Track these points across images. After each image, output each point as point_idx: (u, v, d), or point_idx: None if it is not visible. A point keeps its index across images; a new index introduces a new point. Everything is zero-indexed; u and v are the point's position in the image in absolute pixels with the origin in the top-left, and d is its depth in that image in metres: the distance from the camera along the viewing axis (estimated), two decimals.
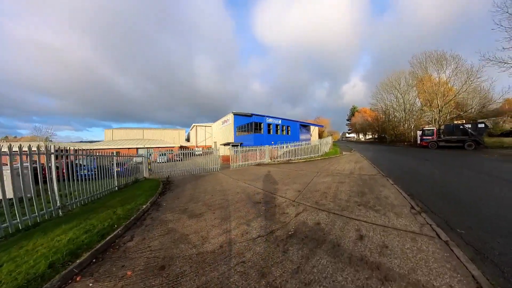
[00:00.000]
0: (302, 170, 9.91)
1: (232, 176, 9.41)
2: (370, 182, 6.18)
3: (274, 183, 7.22)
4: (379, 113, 43.99)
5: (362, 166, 9.52)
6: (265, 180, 7.99)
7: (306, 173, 8.90)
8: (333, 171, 8.79)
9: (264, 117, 27.22)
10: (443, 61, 25.02)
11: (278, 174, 9.08)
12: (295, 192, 5.73)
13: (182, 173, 11.64)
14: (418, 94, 30.39)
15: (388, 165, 9.75)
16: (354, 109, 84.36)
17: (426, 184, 5.83)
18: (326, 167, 10.01)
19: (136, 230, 3.72)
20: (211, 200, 5.43)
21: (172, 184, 8.50)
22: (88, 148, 40.13)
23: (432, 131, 20.86)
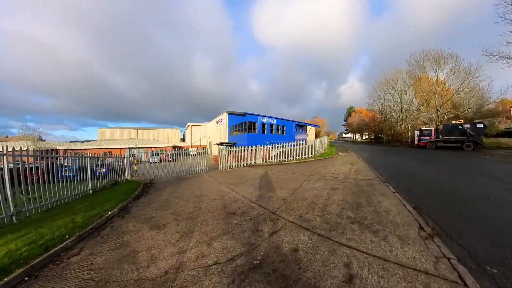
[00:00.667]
0: (293, 172, 9.04)
1: (217, 179, 8.68)
2: (368, 190, 5.30)
3: (259, 188, 6.35)
4: (376, 113, 43.45)
5: (359, 169, 8.66)
6: (250, 184, 7.16)
7: (297, 176, 8.01)
8: (327, 174, 7.91)
9: (258, 117, 26.33)
10: (441, 59, 24.34)
11: (266, 177, 8.22)
12: (279, 201, 4.85)
13: (167, 175, 10.93)
14: (415, 94, 29.82)
15: (387, 168, 8.91)
16: (351, 109, 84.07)
17: (433, 192, 4.95)
18: (319, 170, 9.14)
19: (89, 241, 3.33)
20: (183, 208, 4.79)
21: (152, 187, 7.82)
22: (79, 148, 37.49)
23: (430, 131, 20.19)
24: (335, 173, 7.97)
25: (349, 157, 14.36)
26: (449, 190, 4.99)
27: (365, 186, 5.66)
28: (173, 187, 7.61)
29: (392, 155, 14.74)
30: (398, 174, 7.31)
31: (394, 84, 32.62)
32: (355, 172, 8.02)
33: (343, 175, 7.44)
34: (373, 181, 6.22)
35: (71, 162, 6.74)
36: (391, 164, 9.98)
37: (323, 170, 9.09)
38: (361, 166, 9.43)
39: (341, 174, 7.77)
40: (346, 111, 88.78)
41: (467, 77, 22.43)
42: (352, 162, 11.09)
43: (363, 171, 8.06)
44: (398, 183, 5.96)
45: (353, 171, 8.29)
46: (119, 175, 9.65)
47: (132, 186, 7.86)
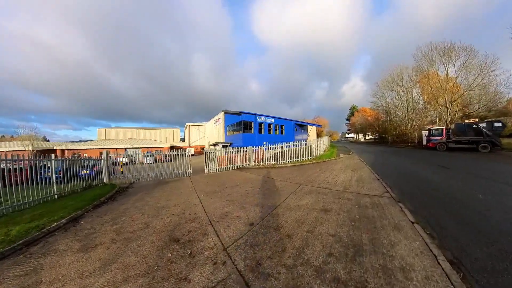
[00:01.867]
0: (283, 179, 7.45)
1: (195, 185, 7.59)
2: (373, 215, 3.63)
3: (231, 202, 4.90)
4: (380, 112, 41.37)
5: (361, 177, 6.97)
6: (225, 194, 5.77)
7: (285, 185, 6.42)
8: (321, 184, 6.26)
9: (254, 116, 24.75)
10: (451, 52, 22.18)
11: (248, 185, 6.75)
12: (243, 227, 3.41)
13: (151, 178, 10.15)
14: (422, 92, 27.70)
15: (396, 176, 7.18)
16: (354, 109, 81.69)
17: (477, 227, 3.09)
18: (314, 177, 7.51)
19: (6, 262, 2.79)
20: (131, 224, 3.97)
21: (125, 193, 7.08)
22: (75, 148, 37.30)
23: (441, 131, 18.23)
24: (332, 183, 6.31)
25: (351, 160, 12.63)
26: (501, 221, 3.28)
27: (369, 208, 3.99)
28: (144, 193, 6.78)
29: (400, 158, 12.93)
30: (414, 188, 5.56)
31: (399, 80, 30.50)
32: (357, 181, 6.34)
33: (342, 187, 5.78)
34: (380, 199, 4.55)
35: (54, 164, 6.80)
36: (401, 170, 8.23)
37: (318, 177, 7.44)
38: (364, 173, 7.74)
39: (339, 184, 6.10)
40: (349, 111, 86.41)
41: (481, 71, 20.31)
42: (354, 167, 9.38)
43: (366, 181, 6.37)
44: (416, 203, 4.27)
45: (354, 180, 6.61)
46: (96, 178, 9.09)
47: (104, 191, 7.17)
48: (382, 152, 17.99)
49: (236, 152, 14.53)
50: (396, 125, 32.25)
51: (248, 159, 14.20)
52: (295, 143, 14.52)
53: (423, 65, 25.27)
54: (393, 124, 33.22)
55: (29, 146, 36.14)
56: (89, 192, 7.24)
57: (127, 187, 8.14)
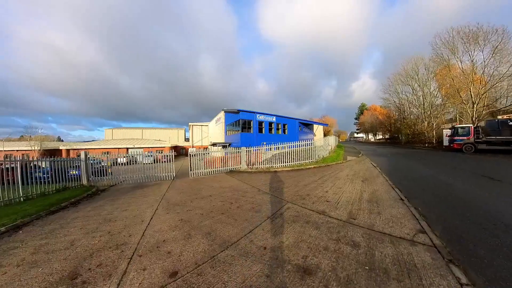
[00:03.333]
0: (269, 190, 5.71)
1: (167, 193, 6.77)
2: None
3: (182, 223, 3.87)
4: (392, 110, 38.14)
5: (376, 194, 4.88)
6: (185, 209, 4.77)
7: (266, 201, 4.64)
8: (316, 203, 4.28)
9: (254, 114, 22.86)
10: (478, 37, 18.91)
11: (221, 197, 5.36)
12: (158, 278, 2.12)
13: (129, 181, 9.76)
14: (441, 85, 24.50)
15: (429, 194, 4.99)
16: (363, 107, 77.64)
17: None
18: (310, 189, 5.54)
19: None
20: (56, 242, 3.29)
21: (94, 197, 6.73)
22: (80, 148, 37.71)
23: (468, 129, 15.44)
24: (333, 202, 4.29)
25: (360, 164, 10.43)
26: None
27: (393, 278, 1.97)
28: (110, 199, 6.35)
29: (421, 163, 10.54)
30: (467, 220, 3.32)
31: (414, 73, 27.37)
32: (370, 202, 4.28)
33: (345, 212, 3.75)
34: (413, 249, 2.49)
35: (45, 164, 7.36)
36: (430, 183, 6.00)
37: (315, 189, 5.46)
38: (380, 186, 5.62)
39: (342, 205, 4.08)
40: (358, 109, 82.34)
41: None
42: (365, 175, 7.26)
43: (385, 202, 4.29)
44: (487, 264, 2.19)
45: (365, 198, 4.55)
46: (76, 178, 8.81)
47: (72, 194, 6.89)
48: (397, 155, 15.50)
49: (228, 153, 12.78)
50: (411, 124, 29.06)
51: (241, 162, 12.40)
52: (297, 143, 12.49)
53: (443, 54, 22.09)
54: (407, 122, 30.03)
55: (35, 146, 36.43)
56: (58, 195, 6.89)
57: (103, 190, 7.85)
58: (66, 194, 6.84)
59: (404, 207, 3.89)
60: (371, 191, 5.10)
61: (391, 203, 4.18)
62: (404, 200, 4.27)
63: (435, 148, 20.99)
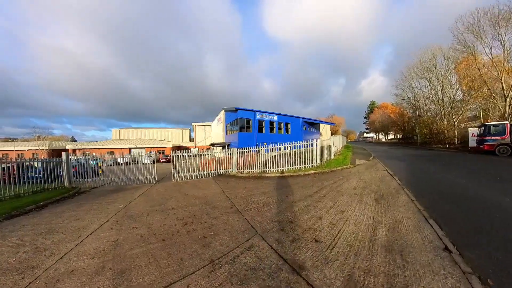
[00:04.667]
0: (240, 210, 3.89)
1: (136, 200, 6.09)
2: None
3: (101, 254, 2.65)
4: (405, 107, 34.97)
5: (398, 230, 2.96)
6: (125, 230, 3.79)
7: (228, 227, 2.88)
8: (298, 241, 2.44)
9: (253, 112, 21.13)
10: (511, 18, 15.83)
11: (182, 213, 4.05)
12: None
13: (111, 183, 9.33)
14: (463, 77, 21.43)
15: (498, 236, 3.04)
16: (373, 105, 73.63)
17: None
18: (298, 210, 3.73)
19: None
20: None
21: (60, 202, 6.19)
22: (85, 148, 38.31)
23: (503, 127, 12.80)
24: (325, 243, 2.45)
25: (372, 171, 8.41)
26: None
27: None
28: (75, 204, 5.91)
29: (453, 170, 8.34)
30: None
31: (431, 65, 24.37)
32: (390, 250, 2.39)
33: (343, 271, 1.90)
34: None
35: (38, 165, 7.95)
36: (493, 209, 3.99)
37: (305, 213, 3.63)
38: (403, 213, 3.68)
39: (339, 254, 2.23)
40: (368, 107, 78.28)
41: None
42: (380, 191, 5.30)
43: (418, 254, 2.38)
44: None
45: (382, 240, 2.66)
46: (58, 179, 8.48)
47: (46, 196, 6.60)
48: (415, 158, 13.16)
49: (216, 155, 11.26)
50: (428, 122, 26.04)
51: (232, 164, 10.80)
52: (295, 144, 10.63)
53: (466, 41, 19.05)
54: (424, 120, 26.98)
55: (42, 146, 36.85)
56: (32, 197, 6.61)
57: (80, 192, 7.56)
58: (40, 196, 6.58)
59: (459, 273, 1.97)
60: (390, 224, 3.20)
61: (430, 258, 2.26)
62: (453, 253, 2.33)
63: (458, 149, 18.26)
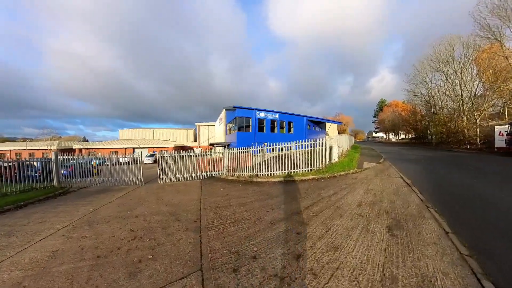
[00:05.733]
0: (202, 227, 2.54)
1: (111, 204, 5.58)
2: None
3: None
4: (418, 104, 32.31)
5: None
6: (56, 245, 3.51)
7: (169, 254, 1.80)
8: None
9: (253, 111, 19.80)
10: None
11: (135, 226, 3.14)
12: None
13: (100, 184, 9.16)
14: (484, 70, 19.02)
15: None
16: (382, 103, 70.12)
17: None
18: (276, 238, 2.27)
19: None
20: None
21: (44, 202, 6.07)
22: (91, 148, 38.40)
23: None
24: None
25: (383, 177, 6.83)
26: None
27: None
28: (51, 205, 5.64)
29: (491, 180, 6.63)
30: None
31: (448, 56, 21.94)
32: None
33: None
34: None
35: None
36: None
37: (282, 246, 2.20)
38: (437, 262, 2.23)
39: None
40: (377, 105, 74.71)
41: None
42: (395, 211, 3.81)
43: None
44: None
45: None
46: (48, 179, 8.49)
47: (32, 195, 6.58)
48: (434, 161, 11.32)
49: (204, 156, 10.11)
50: (445, 120, 23.58)
51: (223, 167, 9.62)
52: (294, 143, 9.20)
53: (490, 27, 16.63)
54: (440, 118, 24.50)
55: (51, 146, 37.38)
56: (17, 196, 6.62)
57: (65, 193, 7.43)
58: (25, 196, 6.57)
59: None
60: (413, 286, 1.76)
61: None
62: None
63: (482, 150, 16.07)
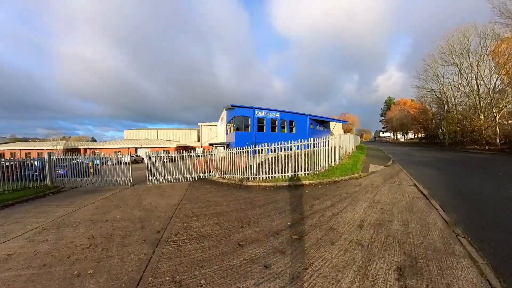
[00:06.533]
0: (154, 244, 1.67)
1: (85, 208, 5.15)
2: None
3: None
4: (428, 102, 30.35)
5: None
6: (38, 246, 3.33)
7: None
8: None
9: (252, 110, 18.81)
10: None
11: (108, 227, 3.47)
12: None
13: (87, 184, 9.01)
14: (505, 61, 17.22)
15: None
16: (390, 101, 67.52)
17: None
18: (236, 269, 1.39)
19: None
20: None
21: (32, 201, 6.09)
22: (95, 148, 38.45)
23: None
24: None
25: (393, 185, 5.67)
26: None
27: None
28: (33, 206, 5.58)
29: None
30: None
31: (462, 48, 20.10)
32: None
33: None
34: None
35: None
36: None
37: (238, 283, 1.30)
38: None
39: None
40: (384, 104, 72.09)
41: None
42: (410, 242, 2.70)
43: None
44: None
45: None
46: (41, 179, 8.61)
47: (23, 194, 6.65)
48: (452, 164, 9.93)
49: (195, 157, 9.26)
50: (460, 118, 21.76)
51: (215, 168, 8.74)
52: (288, 144, 8.16)
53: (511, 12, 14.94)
54: (453, 116, 22.67)
55: (57, 146, 37.83)
56: (10, 194, 6.64)
57: (55, 192, 7.45)
58: (17, 194, 6.64)
59: None
60: None
61: None
62: None
63: (504, 151, 14.44)
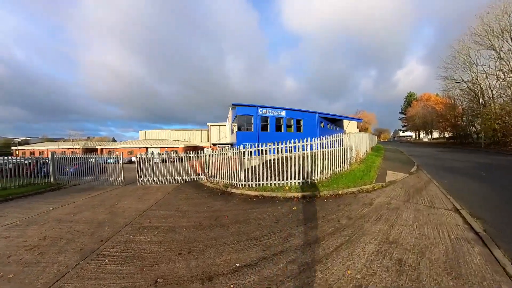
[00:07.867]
0: (82, 254, 2.21)
1: (77, 203, 5.27)
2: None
3: None
4: (457, 95, 26.31)
5: None
6: None
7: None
8: None
9: (255, 108, 17.40)
10: None
11: (34, 239, 3.60)
12: None
13: (84, 182, 9.00)
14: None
15: None
16: (411, 97, 61.49)
17: None
18: None
19: None
20: None
21: (32, 197, 6.31)
22: (111, 147, 39.84)
23: None
24: None
25: (420, 208, 3.85)
26: None
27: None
28: (27, 201, 5.77)
29: None
30: None
31: (503, 27, 16.53)
32: None
33: None
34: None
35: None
36: None
37: None
38: None
39: None
40: (404, 100, 65.96)
41: None
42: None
43: None
44: None
45: None
46: (41, 176, 8.90)
47: (26, 189, 7.05)
48: (504, 174, 7.59)
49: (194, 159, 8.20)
50: (501, 113, 18.09)
51: (202, 171, 7.54)
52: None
53: None
54: (491, 110, 18.97)
55: (77, 145, 40.09)
56: (15, 189, 6.96)
57: (56, 189, 7.60)
58: (20, 190, 6.97)
59: None
60: None
61: None
62: None
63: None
